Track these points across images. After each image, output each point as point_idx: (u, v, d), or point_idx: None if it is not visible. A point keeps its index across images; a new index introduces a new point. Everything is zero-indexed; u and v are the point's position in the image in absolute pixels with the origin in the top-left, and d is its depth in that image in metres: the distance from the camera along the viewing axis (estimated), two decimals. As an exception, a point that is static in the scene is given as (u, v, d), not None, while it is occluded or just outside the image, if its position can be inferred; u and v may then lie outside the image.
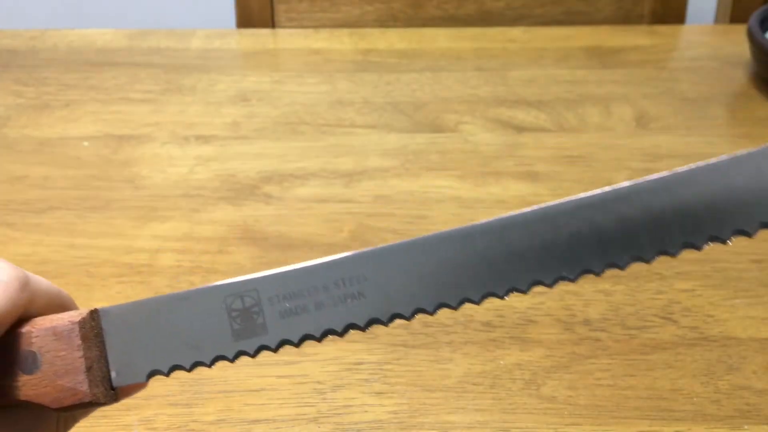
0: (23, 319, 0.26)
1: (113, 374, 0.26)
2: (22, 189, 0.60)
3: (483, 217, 0.60)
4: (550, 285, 0.25)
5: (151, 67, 0.79)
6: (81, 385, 0.25)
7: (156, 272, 0.52)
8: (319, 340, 0.26)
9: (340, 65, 0.80)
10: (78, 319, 0.25)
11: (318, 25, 0.98)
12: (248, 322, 0.26)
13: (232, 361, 0.26)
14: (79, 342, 0.25)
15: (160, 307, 0.26)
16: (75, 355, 0.25)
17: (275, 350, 0.26)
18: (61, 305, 0.28)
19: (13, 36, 0.85)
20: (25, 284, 0.25)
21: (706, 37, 0.88)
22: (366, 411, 0.42)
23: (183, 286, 0.51)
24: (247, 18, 0.98)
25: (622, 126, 0.69)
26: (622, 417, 0.42)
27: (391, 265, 0.26)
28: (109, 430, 0.41)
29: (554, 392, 0.43)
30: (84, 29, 0.86)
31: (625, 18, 0.99)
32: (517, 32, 0.87)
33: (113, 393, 0.26)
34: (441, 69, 0.79)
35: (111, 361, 0.26)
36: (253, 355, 0.26)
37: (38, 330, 0.26)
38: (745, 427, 0.41)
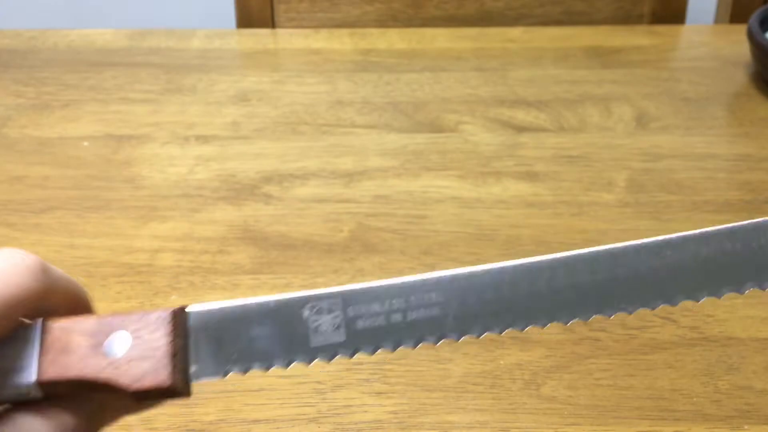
0: (46, 311, 0.27)
1: (192, 368, 0.27)
2: (22, 189, 0.60)
3: (483, 218, 0.61)
4: (609, 316, 0.28)
5: (151, 67, 0.79)
6: (164, 370, 0.26)
7: (156, 272, 0.52)
8: (393, 350, 0.28)
9: (340, 65, 0.80)
10: (169, 311, 0.27)
11: (318, 25, 0.98)
12: (327, 330, 0.28)
13: (308, 364, 0.28)
14: (168, 331, 0.27)
15: (243, 310, 0.28)
16: (162, 342, 0.27)
17: (351, 356, 0.28)
18: (78, 297, 0.29)
19: (13, 36, 0.85)
20: (46, 269, 0.27)
21: (706, 37, 0.88)
22: (366, 411, 0.42)
23: (183, 286, 0.51)
24: (247, 18, 0.98)
25: (622, 126, 0.69)
26: (622, 417, 0.42)
27: (468, 289, 0.28)
28: (109, 430, 0.41)
29: (554, 392, 0.43)
30: (84, 29, 0.86)
31: (625, 18, 0.99)
32: (517, 32, 0.87)
33: (189, 386, 0.27)
34: (441, 69, 0.79)
35: (192, 356, 0.27)
36: (330, 360, 0.27)
37: (129, 317, 0.27)
38: (745, 427, 0.41)
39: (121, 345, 0.27)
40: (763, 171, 0.63)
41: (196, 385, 0.44)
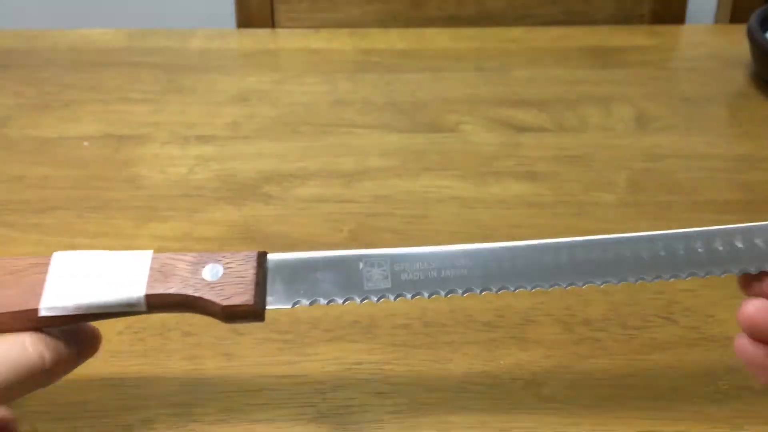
0: None
1: (269, 298, 0.35)
2: (22, 189, 0.60)
3: (483, 218, 0.60)
4: (600, 284, 0.35)
5: (151, 67, 0.79)
6: (249, 293, 0.34)
7: (156, 272, 0.52)
8: (429, 296, 0.35)
9: (340, 65, 0.80)
10: (255, 252, 0.35)
11: (318, 25, 0.98)
12: (377, 279, 0.35)
13: (360, 302, 0.35)
14: (254, 266, 0.35)
15: (311, 259, 0.36)
16: (249, 273, 0.34)
17: (395, 298, 0.35)
18: None
19: (13, 36, 0.85)
20: None
21: (706, 37, 0.88)
22: (366, 411, 0.42)
23: (183, 286, 0.51)
24: (247, 18, 0.98)
25: (622, 126, 0.69)
26: (622, 417, 0.42)
27: (490, 258, 0.35)
28: (108, 430, 0.41)
29: (554, 392, 0.43)
30: (84, 29, 0.87)
31: (625, 18, 0.99)
32: (517, 32, 0.87)
33: (264, 312, 0.34)
34: (441, 69, 0.79)
35: (269, 289, 0.35)
36: (377, 300, 0.35)
37: (221, 254, 0.35)
38: (745, 427, 0.41)
39: (215, 273, 0.34)
40: (763, 171, 0.63)
41: (195, 386, 0.45)
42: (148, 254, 0.36)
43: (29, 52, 0.82)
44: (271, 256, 0.36)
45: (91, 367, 0.44)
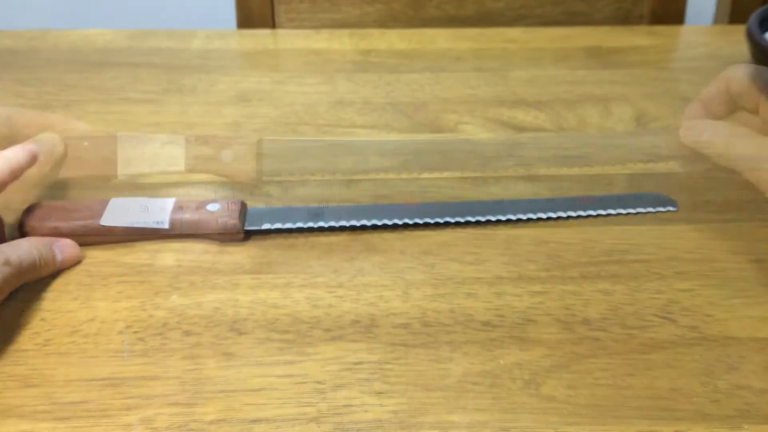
0: None
1: (246, 223, 0.54)
2: (23, 189, 0.60)
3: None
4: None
5: (152, 67, 0.79)
6: (235, 219, 0.53)
7: (156, 272, 0.52)
8: (348, 222, 0.55)
9: (340, 65, 0.80)
10: (241, 200, 0.55)
11: (318, 25, 0.98)
12: (318, 218, 0.55)
13: (304, 225, 0.54)
14: (239, 206, 0.54)
15: (274, 208, 0.56)
16: (236, 209, 0.54)
17: (316, 227, 0.55)
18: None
19: (13, 36, 0.85)
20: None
21: (706, 37, 0.88)
22: (366, 411, 0.42)
23: (183, 285, 0.51)
24: (247, 18, 0.98)
25: (622, 126, 0.69)
26: (622, 417, 0.42)
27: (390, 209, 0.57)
28: (109, 429, 0.41)
29: (554, 392, 0.43)
30: (84, 29, 0.87)
31: (625, 18, 0.99)
32: (517, 32, 0.87)
33: (243, 231, 0.54)
34: (441, 69, 0.79)
35: (247, 219, 0.54)
36: (304, 226, 0.54)
37: (221, 200, 0.55)
38: (745, 426, 0.41)
39: (214, 208, 0.54)
40: (763, 171, 0.62)
41: (195, 386, 0.45)
42: (173, 199, 0.55)
43: (29, 52, 0.82)
44: (252, 208, 0.56)
45: (91, 367, 0.45)
